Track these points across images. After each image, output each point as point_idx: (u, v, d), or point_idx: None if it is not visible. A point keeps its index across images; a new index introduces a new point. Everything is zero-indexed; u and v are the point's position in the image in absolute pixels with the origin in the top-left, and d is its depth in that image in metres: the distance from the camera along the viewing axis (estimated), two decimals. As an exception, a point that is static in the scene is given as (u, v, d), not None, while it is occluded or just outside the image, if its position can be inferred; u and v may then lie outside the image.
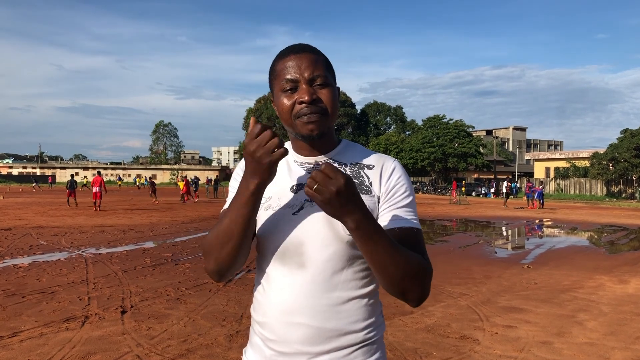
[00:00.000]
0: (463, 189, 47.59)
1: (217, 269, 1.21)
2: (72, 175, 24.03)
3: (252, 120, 1.09)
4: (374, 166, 1.28)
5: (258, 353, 1.26)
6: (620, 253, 11.05)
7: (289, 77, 1.20)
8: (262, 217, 1.25)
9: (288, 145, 1.34)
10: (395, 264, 1.11)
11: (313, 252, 1.19)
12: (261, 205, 1.24)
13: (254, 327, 1.29)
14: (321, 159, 1.30)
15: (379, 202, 1.24)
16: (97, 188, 20.33)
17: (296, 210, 1.22)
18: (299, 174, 1.28)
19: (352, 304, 1.20)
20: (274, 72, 1.24)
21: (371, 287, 1.24)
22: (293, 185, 1.26)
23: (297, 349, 1.18)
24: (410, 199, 1.26)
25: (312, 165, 1.29)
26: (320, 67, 1.21)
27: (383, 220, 1.23)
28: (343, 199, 1.05)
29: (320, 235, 1.19)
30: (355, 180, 1.26)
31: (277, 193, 1.26)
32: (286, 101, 1.21)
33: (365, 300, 1.22)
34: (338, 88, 1.30)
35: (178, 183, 40.71)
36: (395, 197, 1.24)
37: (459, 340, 4.61)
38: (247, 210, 1.14)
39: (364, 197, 1.22)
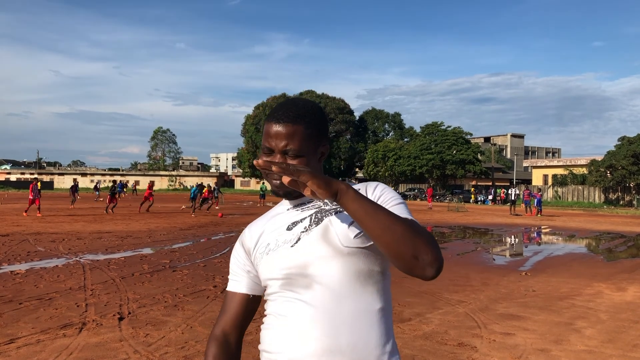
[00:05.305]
0: (472, 196, 47.77)
1: None
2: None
3: None
4: (359, 189, 1.32)
5: None
6: (618, 260, 11.06)
7: (266, 144, 1.30)
8: (264, 261, 1.30)
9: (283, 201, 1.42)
10: (398, 225, 1.10)
11: (317, 271, 1.21)
12: (262, 251, 1.32)
13: (262, 358, 1.29)
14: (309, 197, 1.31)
15: None
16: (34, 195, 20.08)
17: (294, 243, 1.26)
18: (292, 215, 1.33)
19: (364, 319, 1.20)
20: (263, 132, 1.33)
21: (382, 304, 1.24)
22: (289, 224, 1.31)
23: None
24: (400, 202, 1.28)
25: (304, 204, 1.34)
26: (296, 140, 1.27)
27: None
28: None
29: (320, 253, 1.22)
30: None
31: (275, 236, 1.31)
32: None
33: (378, 316, 1.22)
34: (325, 146, 1.35)
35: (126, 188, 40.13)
36: (384, 203, 1.26)
37: (456, 347, 4.60)
38: None
39: None
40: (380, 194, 1.30)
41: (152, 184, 24.50)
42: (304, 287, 1.22)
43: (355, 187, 1.34)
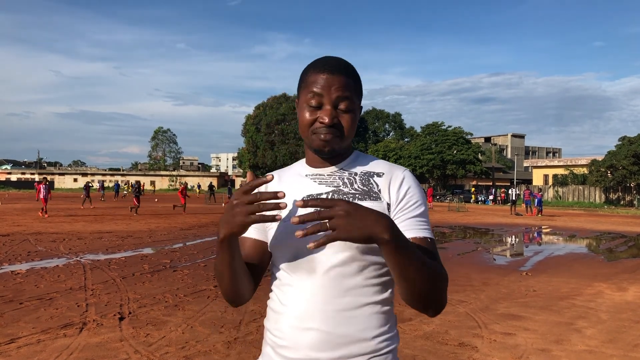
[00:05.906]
0: (473, 196, 47.80)
1: (226, 298, 1.29)
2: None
3: (249, 173, 1.06)
4: (383, 174, 1.29)
5: None
6: (619, 260, 11.05)
7: (317, 92, 1.22)
8: (273, 229, 1.28)
9: (301, 162, 1.37)
10: (425, 278, 1.10)
11: (324, 258, 1.20)
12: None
13: (266, 336, 1.31)
14: (330, 169, 1.31)
15: (388, 208, 1.24)
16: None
17: None
18: (309, 186, 1.30)
19: (364, 310, 1.20)
20: (305, 81, 1.26)
21: (384, 295, 1.23)
22: (304, 197, 1.27)
23: (307, 355, 1.18)
24: (422, 208, 1.26)
25: (323, 176, 1.31)
26: (349, 92, 1.23)
27: None
28: (361, 210, 1.04)
29: None
30: (364, 188, 1.27)
31: (288, 205, 1.26)
32: (308, 115, 1.24)
33: (378, 307, 1.22)
34: (361, 108, 1.32)
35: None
36: (407, 208, 1.24)
37: (457, 347, 4.60)
38: (225, 255, 1.17)
39: (372, 203, 1.23)
40: (405, 193, 1.26)
41: (185, 185, 24.49)
42: (307, 271, 1.21)
43: (380, 168, 1.30)
